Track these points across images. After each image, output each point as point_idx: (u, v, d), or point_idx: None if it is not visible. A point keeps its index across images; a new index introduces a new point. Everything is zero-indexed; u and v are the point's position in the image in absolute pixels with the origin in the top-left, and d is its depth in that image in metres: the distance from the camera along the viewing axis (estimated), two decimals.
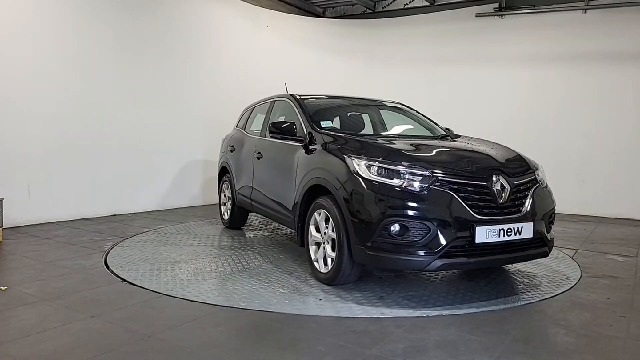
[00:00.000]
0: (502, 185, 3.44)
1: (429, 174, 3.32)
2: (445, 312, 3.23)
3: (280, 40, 9.70)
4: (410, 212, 3.21)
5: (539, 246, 3.62)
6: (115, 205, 6.93)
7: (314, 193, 3.91)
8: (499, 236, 3.31)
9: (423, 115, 5.36)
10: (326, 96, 5.23)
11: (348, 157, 3.55)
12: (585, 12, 8.07)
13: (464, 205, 3.28)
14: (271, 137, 4.55)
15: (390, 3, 10.09)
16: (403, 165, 3.36)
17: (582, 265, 4.59)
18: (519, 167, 3.73)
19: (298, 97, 4.84)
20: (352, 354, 2.58)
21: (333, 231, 3.58)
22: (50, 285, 3.65)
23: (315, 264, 3.85)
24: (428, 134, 4.83)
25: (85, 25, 6.49)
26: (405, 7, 9.84)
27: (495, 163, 3.63)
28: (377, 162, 3.40)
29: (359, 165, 3.45)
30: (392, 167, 3.36)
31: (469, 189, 3.36)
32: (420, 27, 9.49)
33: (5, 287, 3.58)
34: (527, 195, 3.57)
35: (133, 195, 7.17)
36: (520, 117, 8.46)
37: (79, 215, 6.49)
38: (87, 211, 6.59)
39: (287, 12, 10.01)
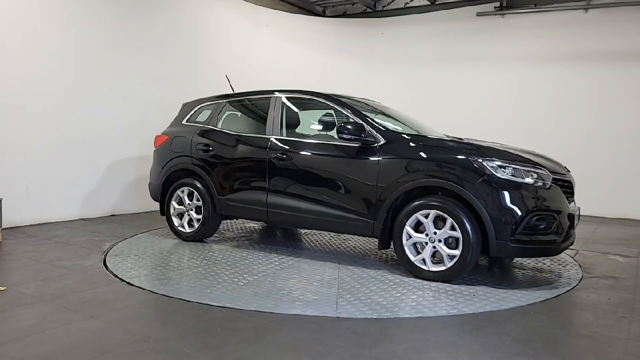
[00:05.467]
0: (572, 179, 4.23)
1: (549, 172, 3.83)
2: (445, 313, 3.22)
3: (280, 40, 9.68)
4: (546, 206, 3.73)
5: None
6: (114, 205, 6.92)
7: (408, 195, 4.02)
8: (577, 220, 4.13)
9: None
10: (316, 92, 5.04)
11: (477, 158, 3.77)
12: (587, 12, 8.05)
13: (565, 197, 3.92)
14: (340, 137, 4.19)
15: (391, 2, 10.08)
16: (532, 166, 3.81)
17: (583, 265, 4.59)
18: None
19: (334, 96, 4.69)
20: (352, 355, 2.56)
21: (452, 229, 3.77)
22: (49, 286, 3.64)
23: (419, 264, 3.92)
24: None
25: (84, 24, 6.47)
26: (406, 5, 9.82)
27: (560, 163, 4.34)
28: (511, 164, 3.75)
29: (493, 167, 3.72)
30: (524, 167, 3.76)
31: (565, 184, 4.01)
32: (421, 26, 9.47)
33: (4, 288, 3.57)
34: None
35: (132, 195, 7.16)
36: (521, 116, 8.45)
37: (78, 216, 6.48)
38: (86, 211, 6.58)
39: (287, 11, 9.99)
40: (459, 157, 3.83)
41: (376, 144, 4.13)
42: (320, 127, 5.06)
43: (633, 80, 7.68)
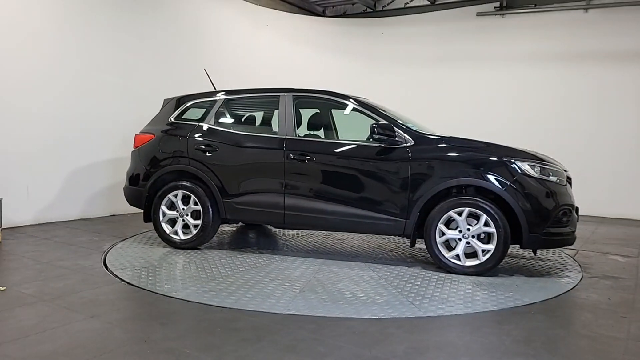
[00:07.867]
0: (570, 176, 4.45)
1: (563, 170, 4.21)
2: (445, 313, 3.22)
3: (281, 40, 9.68)
4: (566, 201, 4.08)
5: None
6: (114, 205, 6.91)
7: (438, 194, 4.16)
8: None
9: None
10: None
11: (510, 159, 4.03)
12: (587, 12, 8.05)
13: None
14: (373, 139, 4.23)
15: (391, 2, 10.08)
16: (552, 165, 4.15)
17: (583, 265, 4.59)
18: None
19: (360, 99, 4.67)
20: (352, 355, 2.56)
21: (487, 226, 3.99)
22: (49, 286, 3.64)
23: (454, 260, 4.11)
24: None
25: (84, 24, 6.47)
26: (406, 5, 9.82)
27: None
28: (538, 163, 4.06)
29: (524, 166, 4.00)
30: (549, 167, 4.09)
31: (570, 179, 4.33)
32: (421, 26, 9.48)
33: (4, 288, 3.56)
34: None
35: None
36: (521, 116, 8.45)
37: (78, 216, 6.47)
38: (86, 211, 6.58)
39: (287, 11, 9.99)
40: (492, 157, 4.08)
41: (406, 145, 4.22)
42: (337, 128, 5.15)
43: (633, 80, 7.68)
